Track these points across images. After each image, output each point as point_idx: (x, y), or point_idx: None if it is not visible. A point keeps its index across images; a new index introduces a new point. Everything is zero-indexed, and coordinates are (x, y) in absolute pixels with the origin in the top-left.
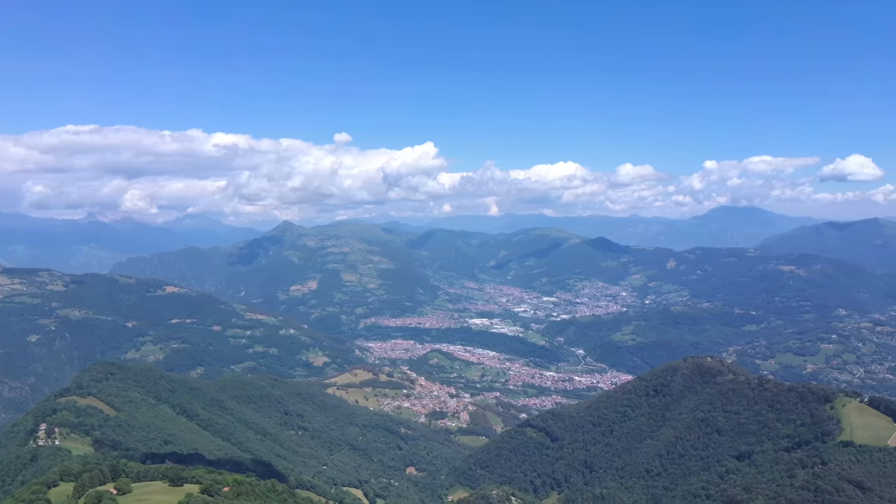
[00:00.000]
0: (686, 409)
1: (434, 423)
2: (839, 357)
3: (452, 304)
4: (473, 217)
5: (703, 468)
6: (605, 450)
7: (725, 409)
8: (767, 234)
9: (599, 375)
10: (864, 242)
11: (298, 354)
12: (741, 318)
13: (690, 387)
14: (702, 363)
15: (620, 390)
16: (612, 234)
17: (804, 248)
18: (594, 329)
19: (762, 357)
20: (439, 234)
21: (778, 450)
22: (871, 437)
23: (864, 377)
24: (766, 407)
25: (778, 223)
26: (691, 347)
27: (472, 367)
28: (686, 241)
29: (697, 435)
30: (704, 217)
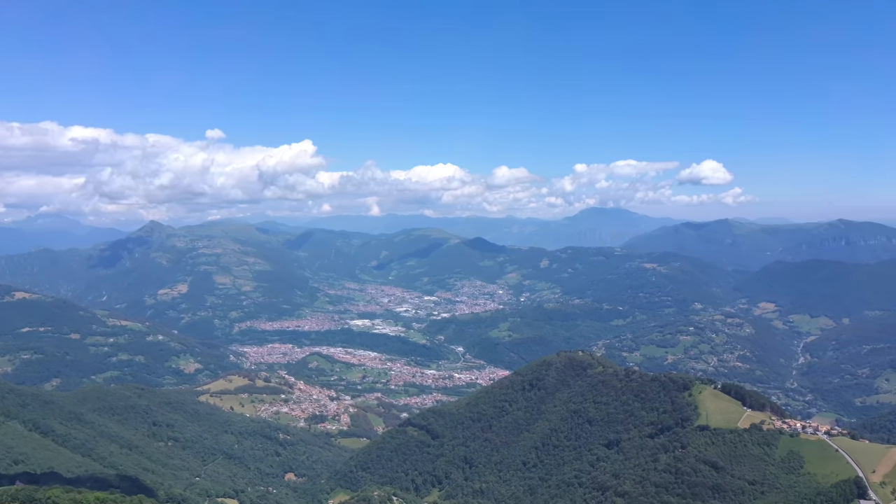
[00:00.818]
0: (560, 401)
1: (314, 427)
2: (696, 347)
3: (333, 305)
4: (354, 217)
5: (576, 457)
6: (484, 445)
7: (596, 400)
8: (632, 233)
9: (478, 372)
10: (717, 241)
11: (168, 362)
12: (609, 314)
13: (563, 380)
14: (574, 357)
15: (498, 386)
16: (489, 234)
17: (665, 246)
18: (473, 327)
19: (628, 350)
20: (319, 235)
21: (643, 436)
22: (724, 420)
23: (717, 365)
24: (632, 397)
25: (642, 223)
26: (564, 342)
27: (353, 369)
28: (558, 240)
29: (570, 426)
30: (575, 218)
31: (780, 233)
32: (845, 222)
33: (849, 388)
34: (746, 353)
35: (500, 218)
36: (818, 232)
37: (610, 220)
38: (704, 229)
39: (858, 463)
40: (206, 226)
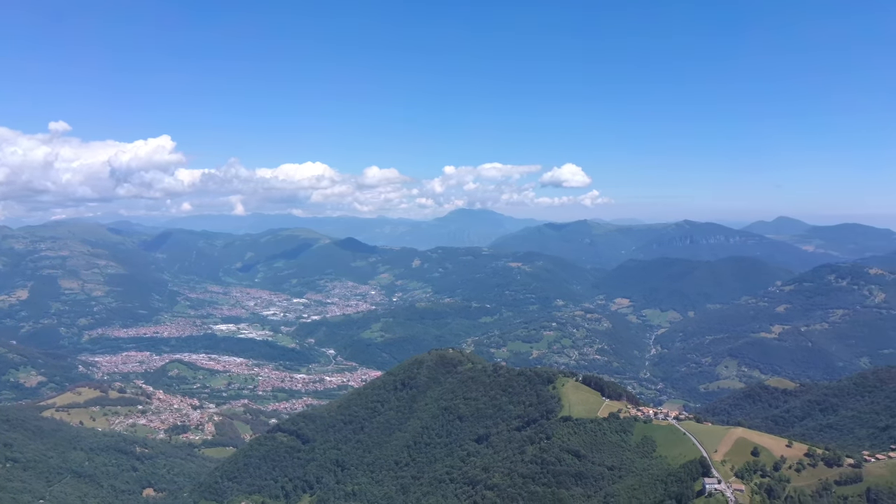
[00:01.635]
0: (431, 399)
1: (175, 439)
2: (559, 342)
3: (195, 309)
4: (217, 217)
5: (448, 454)
6: (356, 447)
7: (466, 396)
8: (499, 233)
9: (350, 374)
10: (577, 241)
11: (5, 375)
12: (478, 311)
13: (435, 378)
14: (444, 355)
15: (370, 387)
16: (360, 234)
17: (529, 246)
18: (345, 328)
19: (496, 346)
20: (178, 235)
21: (511, 429)
22: (585, 410)
23: (578, 358)
24: (500, 391)
25: (507, 224)
26: (435, 341)
27: (217, 376)
28: (429, 241)
29: (442, 423)
30: (445, 218)
31: (633, 233)
32: (690, 223)
33: (694, 376)
34: (604, 346)
35: (372, 218)
36: (666, 232)
37: (478, 221)
38: (565, 230)
39: (703, 444)
40: (50, 226)
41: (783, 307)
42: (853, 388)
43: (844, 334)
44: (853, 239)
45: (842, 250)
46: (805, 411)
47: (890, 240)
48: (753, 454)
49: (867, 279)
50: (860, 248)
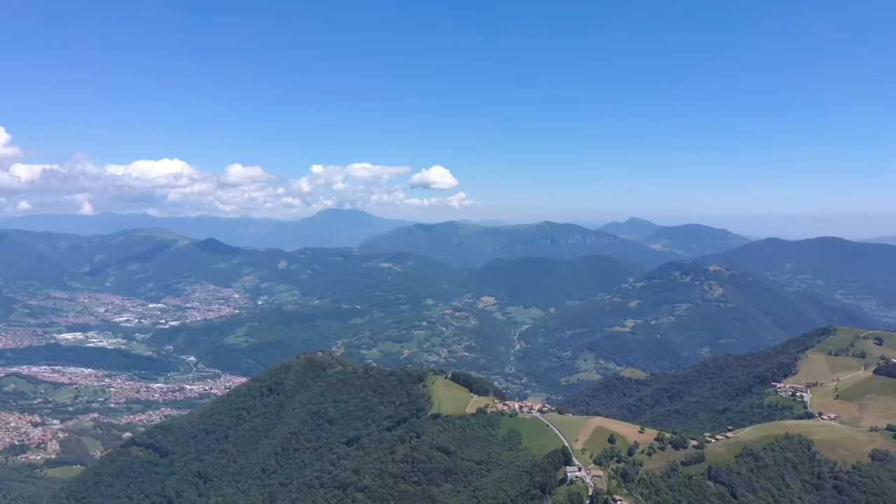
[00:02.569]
0: (300, 403)
1: (12, 460)
2: (429, 341)
3: (35, 318)
4: (61, 217)
5: (317, 458)
6: (220, 457)
7: (336, 399)
8: (369, 234)
9: (213, 381)
10: (446, 241)
11: None
12: (348, 313)
13: (304, 382)
14: (313, 358)
15: (235, 394)
16: (223, 235)
17: (399, 246)
18: (206, 334)
19: (367, 347)
20: (15, 237)
21: (382, 430)
22: (454, 407)
23: (447, 356)
24: (371, 392)
25: (378, 225)
26: (304, 344)
27: (62, 389)
28: (296, 241)
29: (311, 427)
30: (313, 219)
31: (498, 233)
32: (550, 224)
33: (556, 369)
34: (472, 344)
35: (235, 218)
36: (528, 232)
37: (348, 221)
38: (434, 230)
39: (564, 434)
40: None
41: (635, 302)
42: (696, 375)
43: (688, 326)
44: (695, 238)
45: (685, 249)
46: (655, 399)
47: (726, 239)
48: (610, 441)
49: (707, 275)
50: (701, 247)
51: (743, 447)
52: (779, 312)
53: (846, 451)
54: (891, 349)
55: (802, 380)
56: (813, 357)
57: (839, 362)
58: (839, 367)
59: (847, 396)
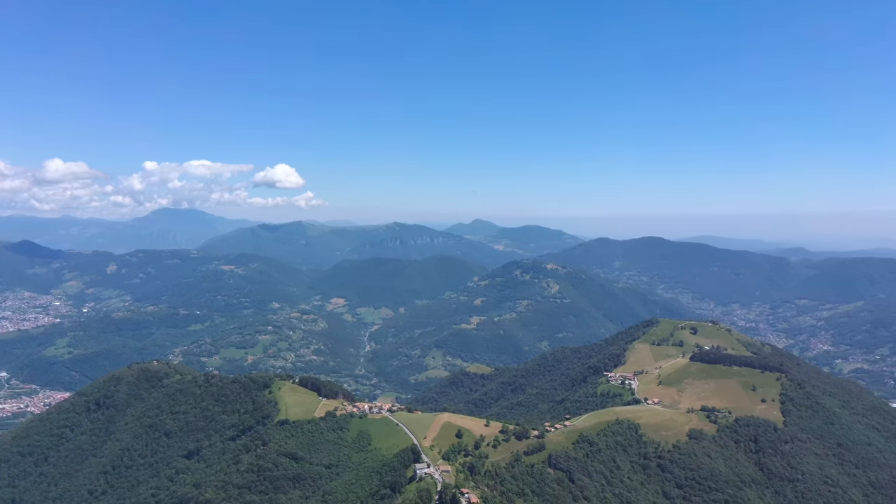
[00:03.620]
0: (133, 417)
1: None
2: (275, 346)
3: None
4: None
5: (153, 474)
6: (38, 481)
7: (173, 410)
8: (209, 235)
9: (29, 398)
10: (292, 242)
11: None
12: (187, 319)
13: (137, 394)
14: (148, 368)
15: (56, 411)
16: (40, 237)
17: (243, 248)
18: (20, 346)
19: (208, 354)
20: None
21: (225, 440)
22: (302, 412)
23: (295, 361)
24: (212, 402)
25: (218, 225)
26: (136, 353)
27: None
28: (127, 243)
29: (146, 442)
30: (146, 219)
31: (347, 234)
32: (399, 224)
33: (405, 369)
34: (321, 347)
35: (55, 218)
36: (378, 233)
37: (185, 222)
38: (280, 231)
39: (414, 432)
40: None
41: (480, 300)
42: (536, 368)
43: (529, 322)
44: (534, 239)
45: (525, 249)
46: (500, 392)
47: (561, 239)
48: (458, 436)
49: (545, 273)
50: (540, 247)
51: (579, 434)
52: (609, 307)
53: (668, 432)
54: (704, 338)
55: (630, 368)
56: (639, 347)
57: (661, 351)
58: (661, 356)
59: (668, 382)
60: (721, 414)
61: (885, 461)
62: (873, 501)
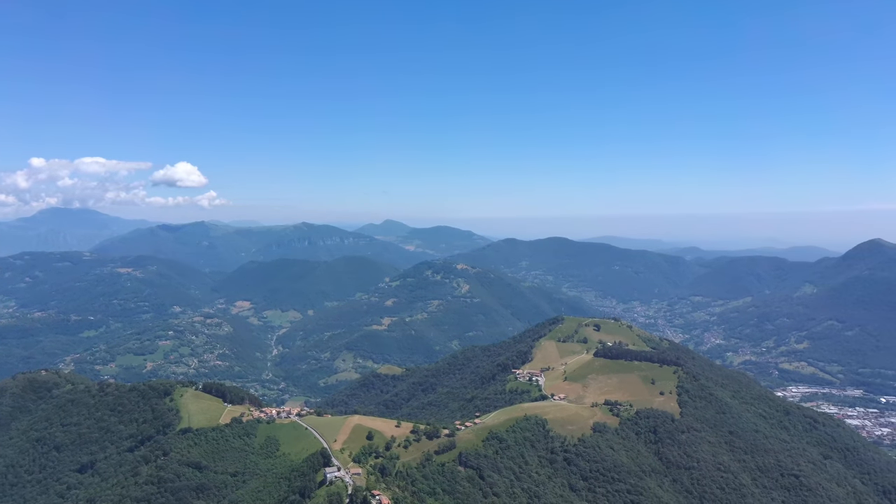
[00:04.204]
0: (18, 431)
1: None
2: (176, 351)
3: None
4: None
5: (42, 492)
6: None
7: (64, 422)
8: (104, 236)
9: None
10: (194, 244)
11: None
12: (79, 325)
13: (22, 406)
14: (35, 378)
15: None
16: None
17: (140, 249)
18: None
19: (102, 362)
20: None
21: (122, 451)
22: (206, 419)
23: (198, 366)
24: (108, 412)
25: (114, 226)
26: (22, 363)
27: None
28: (11, 245)
29: (33, 457)
30: (33, 219)
31: (252, 234)
32: (308, 225)
33: (314, 372)
34: (226, 351)
35: None
36: (286, 233)
37: (77, 222)
38: (181, 231)
39: (324, 436)
40: None
41: (391, 301)
42: (447, 367)
43: (440, 321)
44: (444, 239)
45: (436, 249)
46: (411, 393)
47: (471, 240)
48: (368, 438)
49: (456, 273)
50: (450, 247)
51: (489, 431)
52: (517, 305)
53: (573, 426)
54: (606, 334)
55: (538, 365)
56: (545, 344)
57: (567, 348)
58: (567, 352)
59: (573, 378)
60: (623, 407)
61: (771, 446)
62: (760, 484)
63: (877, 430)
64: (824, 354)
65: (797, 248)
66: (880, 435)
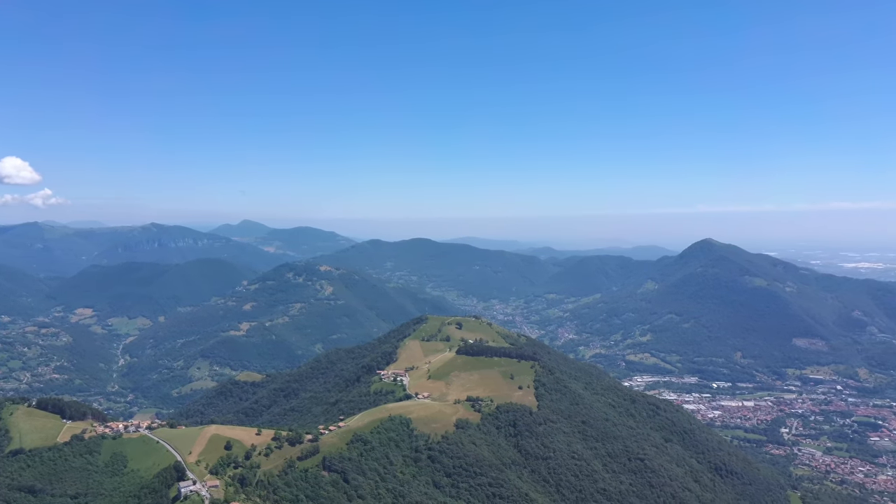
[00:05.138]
0: None
1: None
2: (5, 365)
3: None
4: None
5: None
6: None
7: None
8: None
9: None
10: (26, 246)
11: None
12: None
13: None
14: None
15: None
16: None
17: None
18: None
19: None
20: None
21: None
22: (42, 438)
23: (31, 381)
24: None
25: None
26: None
27: None
28: None
29: None
30: None
31: (95, 236)
32: (157, 226)
33: (167, 382)
34: (64, 364)
35: None
36: (133, 235)
37: None
38: (10, 233)
39: (177, 449)
40: None
41: (250, 305)
42: (310, 372)
43: (302, 325)
44: (306, 240)
45: (298, 251)
46: (272, 399)
47: (335, 241)
48: (227, 448)
49: (319, 275)
50: (312, 249)
51: (353, 434)
52: (382, 306)
53: (437, 424)
54: (468, 332)
55: (402, 365)
56: (410, 344)
57: (430, 346)
58: (431, 351)
59: (437, 376)
60: (484, 402)
61: (619, 433)
62: (610, 469)
63: (709, 413)
64: (665, 346)
65: (641, 247)
66: (712, 417)
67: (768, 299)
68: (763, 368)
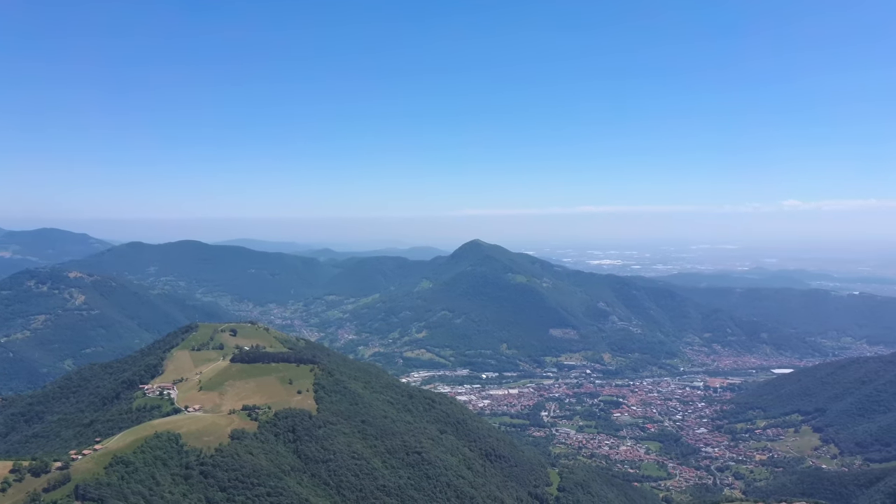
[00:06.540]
0: None
1: None
2: None
3: None
4: None
5: None
6: None
7: None
8: None
9: None
10: None
11: None
12: None
13: None
14: None
15: None
16: None
17: None
18: None
19: None
20: None
21: None
22: None
23: None
24: None
25: None
26: None
27: None
28: None
29: None
30: None
31: None
32: None
33: None
34: None
35: None
36: None
37: None
38: None
39: None
40: None
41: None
42: (58, 392)
43: (48, 339)
44: (51, 244)
45: (41, 255)
46: (10, 426)
47: (87, 244)
48: None
49: (68, 283)
50: (59, 253)
51: (112, 456)
52: (145, 315)
53: (210, 437)
54: (244, 338)
55: (169, 378)
56: (178, 355)
57: (202, 356)
58: (202, 361)
59: (209, 387)
60: (261, 410)
61: (398, 429)
62: (389, 465)
63: (480, 403)
64: (439, 341)
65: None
66: (482, 406)
67: (528, 294)
68: (525, 358)
